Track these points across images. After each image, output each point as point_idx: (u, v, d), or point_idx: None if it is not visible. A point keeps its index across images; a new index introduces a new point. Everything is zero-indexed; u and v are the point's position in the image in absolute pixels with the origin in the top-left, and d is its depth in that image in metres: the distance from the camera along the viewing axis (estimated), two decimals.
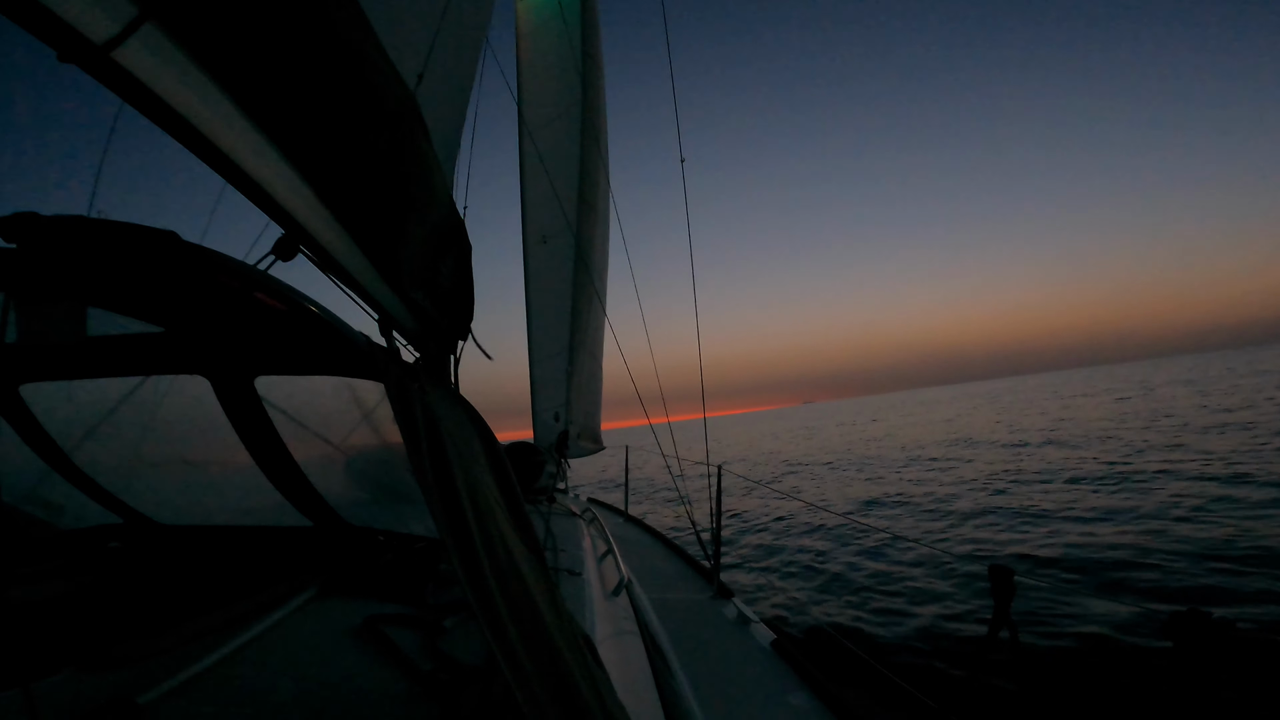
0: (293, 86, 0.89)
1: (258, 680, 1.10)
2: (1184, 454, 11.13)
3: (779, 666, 2.51)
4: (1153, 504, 7.69)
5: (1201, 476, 8.99)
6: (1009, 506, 8.68)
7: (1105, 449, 13.13)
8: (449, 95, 1.98)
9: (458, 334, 2.32)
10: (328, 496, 1.90)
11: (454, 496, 0.77)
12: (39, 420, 1.71)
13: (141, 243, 0.74)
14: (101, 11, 0.60)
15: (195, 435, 1.83)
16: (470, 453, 0.97)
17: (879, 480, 12.97)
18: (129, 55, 0.65)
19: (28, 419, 1.70)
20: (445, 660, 1.18)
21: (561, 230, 5.53)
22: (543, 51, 5.97)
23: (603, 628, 1.74)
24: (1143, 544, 6.07)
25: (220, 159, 0.91)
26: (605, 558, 2.76)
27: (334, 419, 1.76)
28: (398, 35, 1.32)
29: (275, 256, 1.37)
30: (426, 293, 1.80)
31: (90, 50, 0.61)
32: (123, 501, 1.98)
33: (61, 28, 0.58)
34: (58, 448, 1.77)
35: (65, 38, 0.59)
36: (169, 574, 1.75)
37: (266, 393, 1.57)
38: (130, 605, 1.48)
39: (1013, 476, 11.20)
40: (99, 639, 1.17)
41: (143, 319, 1.19)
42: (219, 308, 1.15)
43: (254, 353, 1.47)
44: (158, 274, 0.94)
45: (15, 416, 1.68)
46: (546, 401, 5.65)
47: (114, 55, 0.63)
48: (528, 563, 0.90)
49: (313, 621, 1.40)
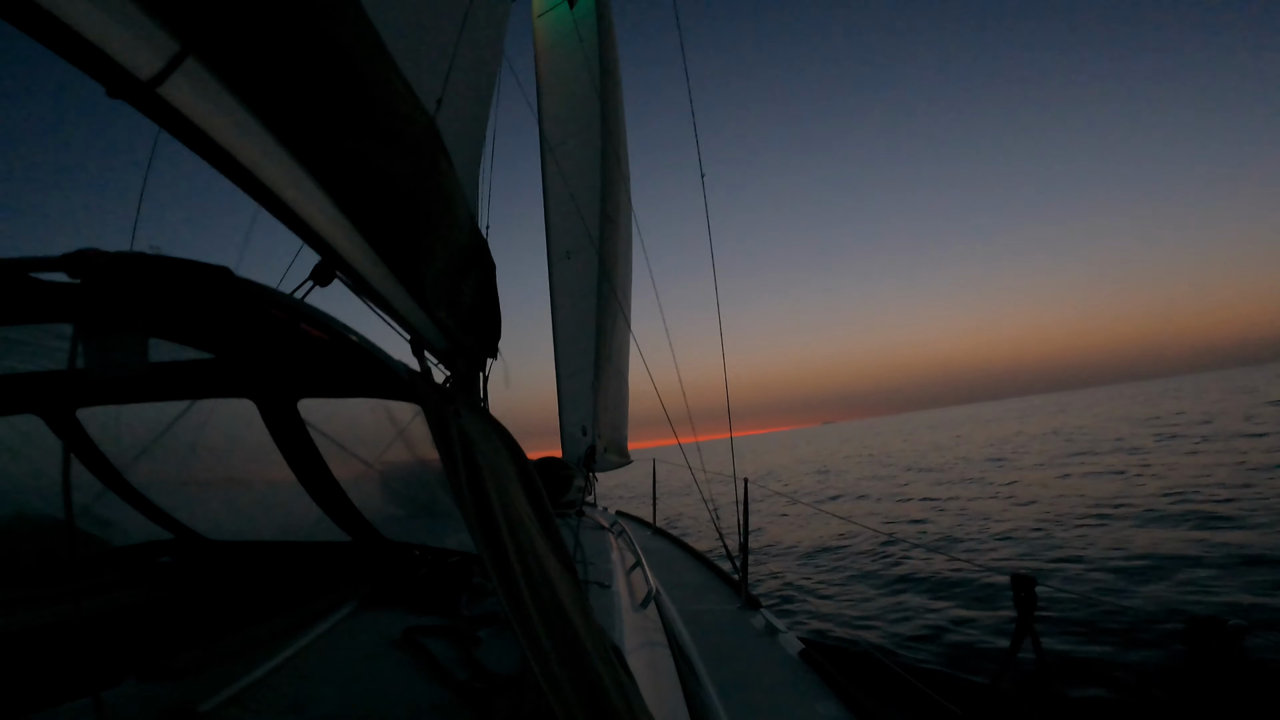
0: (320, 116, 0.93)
1: (305, 690, 1.14)
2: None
3: (807, 676, 2.48)
4: None
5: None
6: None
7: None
8: (469, 116, 2.04)
9: (486, 352, 2.36)
10: (365, 512, 1.95)
11: (490, 516, 0.79)
12: (94, 441, 1.80)
13: (197, 278, 0.79)
14: (146, 47, 0.64)
15: (241, 455, 1.90)
16: (503, 471, 0.99)
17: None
18: (174, 90, 0.70)
19: (84, 440, 1.79)
20: (480, 670, 1.21)
21: (584, 245, 5.59)
22: (561, 67, 6.08)
23: (631, 639, 1.75)
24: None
25: (260, 189, 0.96)
26: (634, 570, 2.76)
27: (371, 438, 1.81)
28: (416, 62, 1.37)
29: (314, 282, 1.43)
30: (450, 312, 1.85)
31: (138, 86, 0.65)
32: (174, 518, 2.07)
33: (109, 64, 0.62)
34: (112, 467, 1.86)
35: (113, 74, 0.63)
36: (218, 587, 1.82)
37: (308, 415, 1.63)
38: (183, 617, 1.55)
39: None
40: (156, 650, 1.23)
41: (194, 346, 1.26)
42: (266, 337, 1.20)
43: (297, 377, 1.52)
44: (211, 307, 0.99)
45: (72, 438, 1.77)
46: (574, 416, 5.69)
47: (160, 91, 0.67)
48: (560, 576, 0.92)
49: (354, 633, 1.44)
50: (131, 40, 0.61)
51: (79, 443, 1.78)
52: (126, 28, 0.60)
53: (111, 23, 0.58)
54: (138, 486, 1.92)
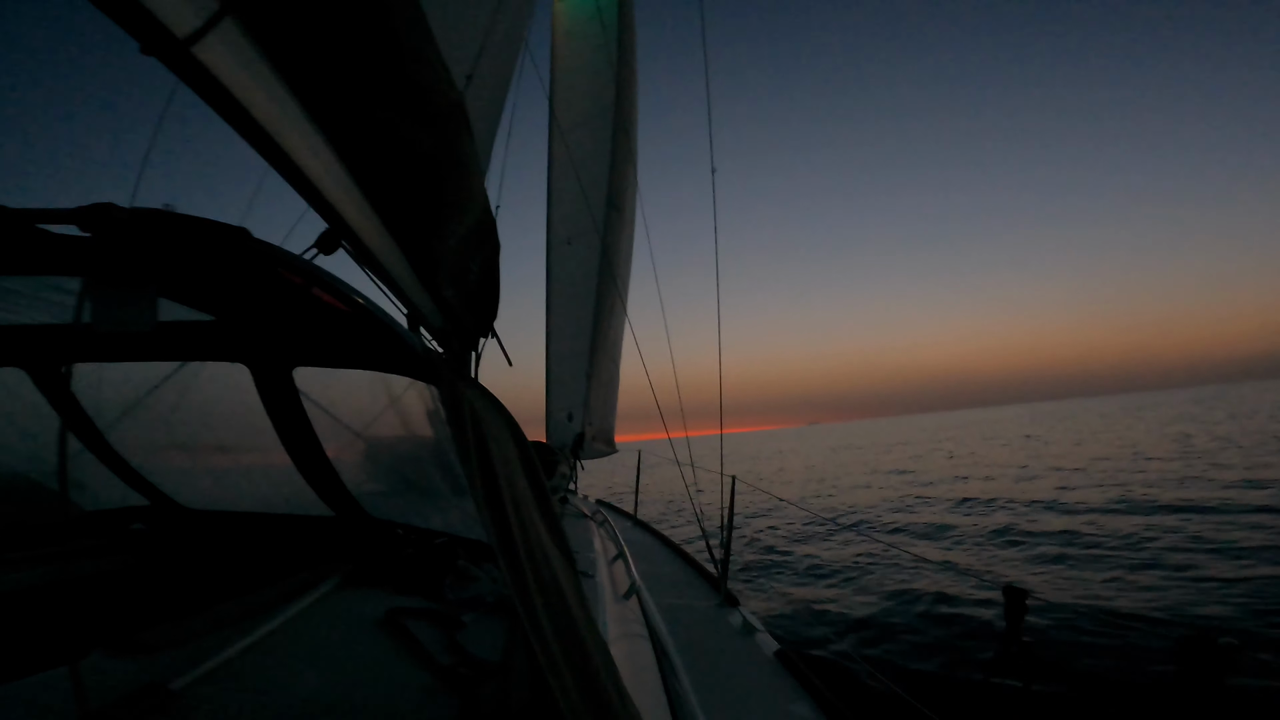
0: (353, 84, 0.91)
1: (283, 669, 1.12)
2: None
3: (782, 676, 2.51)
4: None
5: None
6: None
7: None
8: (490, 95, 2.01)
9: (481, 331, 2.34)
10: (351, 488, 1.92)
11: (498, 496, 0.78)
12: (78, 399, 1.75)
13: (215, 237, 0.76)
14: (186, 5, 0.61)
15: (228, 422, 1.86)
16: (507, 456, 0.98)
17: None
18: (207, 50, 0.67)
19: (68, 398, 1.74)
20: (464, 655, 1.20)
21: (586, 232, 5.54)
22: (578, 53, 6.00)
23: (613, 629, 1.75)
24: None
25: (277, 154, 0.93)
26: (616, 560, 2.77)
27: (364, 412, 1.78)
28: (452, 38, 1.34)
29: (318, 250, 1.40)
30: (457, 290, 1.82)
31: (173, 44, 0.63)
32: (151, 483, 2.02)
33: (148, 20, 0.59)
34: (95, 428, 1.81)
35: (150, 30, 0.60)
36: (192, 558, 1.78)
37: (303, 383, 1.60)
38: (154, 589, 1.51)
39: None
40: (125, 622, 1.20)
41: (196, 307, 1.22)
42: (274, 302, 1.17)
43: (296, 344, 1.49)
44: (227, 268, 0.97)
45: (57, 395, 1.72)
46: (561, 401, 5.66)
47: (194, 50, 0.65)
48: (561, 565, 0.91)
49: (335, 611, 1.42)
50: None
51: (63, 400, 1.73)
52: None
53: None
54: (117, 448, 1.88)
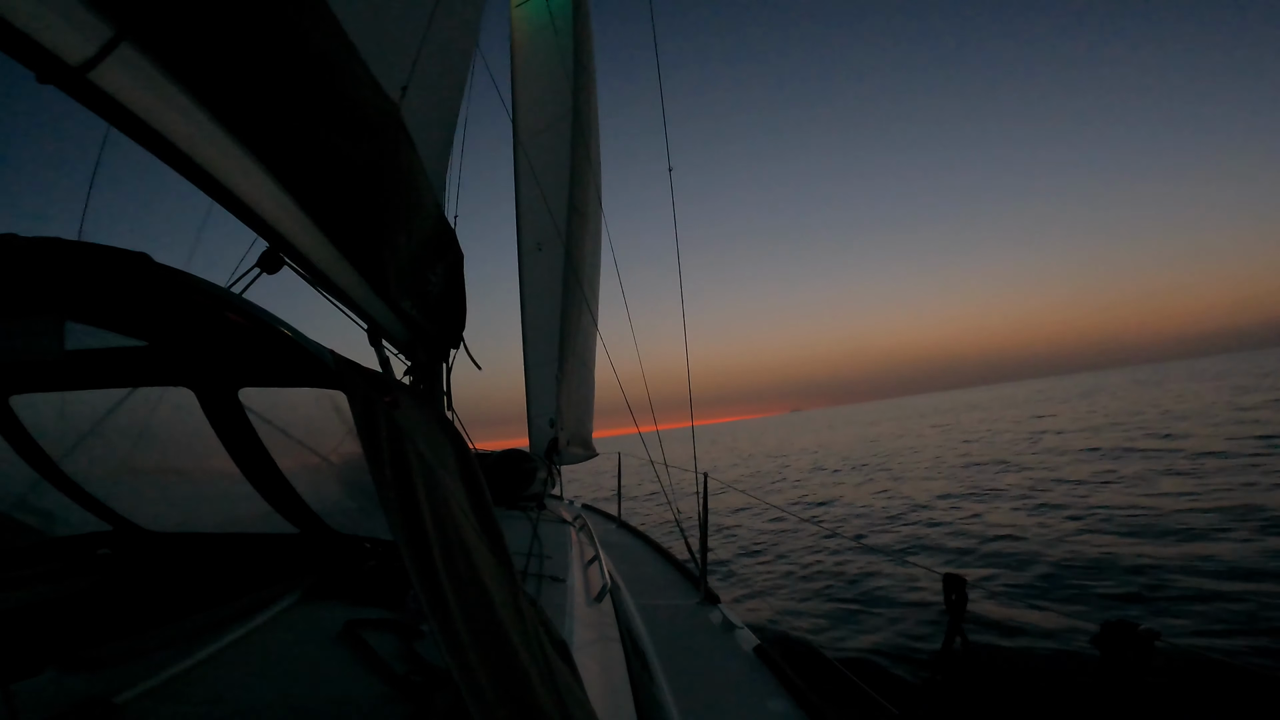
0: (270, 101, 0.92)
1: (235, 682, 1.12)
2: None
3: (760, 672, 2.53)
4: None
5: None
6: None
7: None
8: (438, 106, 2.01)
9: (449, 342, 2.33)
10: (314, 504, 1.91)
11: (414, 506, 0.79)
12: (29, 430, 1.73)
13: (113, 264, 0.77)
14: (78, 34, 0.62)
15: (182, 445, 1.84)
16: (441, 462, 0.99)
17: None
18: (106, 75, 0.68)
19: (18, 429, 1.71)
20: (420, 664, 1.21)
21: (554, 237, 5.55)
22: (536, 60, 6.02)
23: (582, 634, 1.76)
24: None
25: (201, 174, 0.93)
26: (591, 564, 2.78)
27: (317, 429, 1.78)
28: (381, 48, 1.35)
29: (260, 270, 1.39)
30: (415, 302, 1.81)
31: (67, 72, 0.63)
32: (111, 509, 1.99)
33: (39, 51, 0.60)
34: (47, 457, 1.79)
35: (43, 60, 0.61)
36: (157, 580, 1.76)
37: (250, 403, 1.59)
38: (118, 610, 1.50)
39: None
40: (84, 641, 1.19)
41: (125, 333, 1.21)
42: (197, 325, 1.17)
43: (237, 366, 1.49)
44: (132, 294, 0.97)
45: (6, 427, 1.70)
46: (541, 408, 5.66)
47: (91, 76, 0.65)
48: (492, 571, 0.92)
49: (294, 626, 1.41)
50: (61, 26, 0.59)
51: (13, 431, 1.71)
52: (58, 14, 0.58)
53: (43, 9, 0.57)
54: (74, 476, 1.85)
